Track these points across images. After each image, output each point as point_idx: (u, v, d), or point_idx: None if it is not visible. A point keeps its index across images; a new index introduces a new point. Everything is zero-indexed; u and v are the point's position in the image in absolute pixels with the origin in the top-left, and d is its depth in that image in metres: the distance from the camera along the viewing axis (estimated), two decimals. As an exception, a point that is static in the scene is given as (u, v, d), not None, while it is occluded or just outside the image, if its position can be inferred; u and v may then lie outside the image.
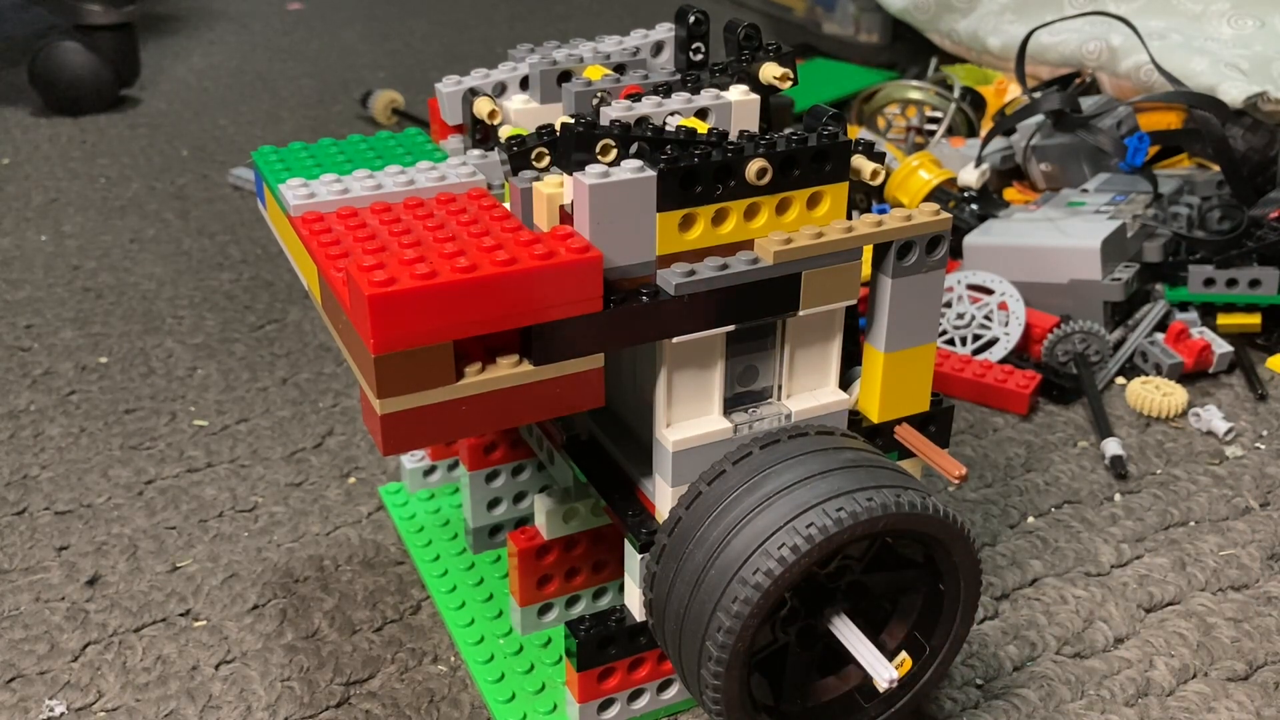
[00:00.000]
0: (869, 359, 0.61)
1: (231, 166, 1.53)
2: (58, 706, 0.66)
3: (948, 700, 0.67)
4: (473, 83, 0.66)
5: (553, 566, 0.68)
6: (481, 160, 0.63)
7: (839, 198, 0.56)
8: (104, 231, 1.32)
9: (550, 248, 0.50)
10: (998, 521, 0.82)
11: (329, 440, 0.92)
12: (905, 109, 1.46)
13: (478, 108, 0.64)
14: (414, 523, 0.79)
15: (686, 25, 0.66)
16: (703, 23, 0.65)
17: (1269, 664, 0.70)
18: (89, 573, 0.77)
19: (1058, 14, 1.52)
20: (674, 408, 0.57)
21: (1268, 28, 1.40)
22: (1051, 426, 0.94)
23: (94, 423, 0.94)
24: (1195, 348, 0.99)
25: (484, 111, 0.64)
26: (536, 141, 0.56)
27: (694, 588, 0.54)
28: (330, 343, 1.07)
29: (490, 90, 0.66)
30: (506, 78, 0.67)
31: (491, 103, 0.64)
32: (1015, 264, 1.06)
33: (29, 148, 1.60)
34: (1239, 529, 0.81)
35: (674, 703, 0.66)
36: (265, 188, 0.62)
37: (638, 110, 0.57)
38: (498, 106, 0.65)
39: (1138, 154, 1.16)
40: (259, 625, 0.72)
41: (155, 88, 1.88)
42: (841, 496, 0.54)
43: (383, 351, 0.47)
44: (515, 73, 0.67)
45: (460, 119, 0.67)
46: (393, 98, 1.70)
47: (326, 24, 2.33)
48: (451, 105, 0.67)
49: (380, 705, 0.67)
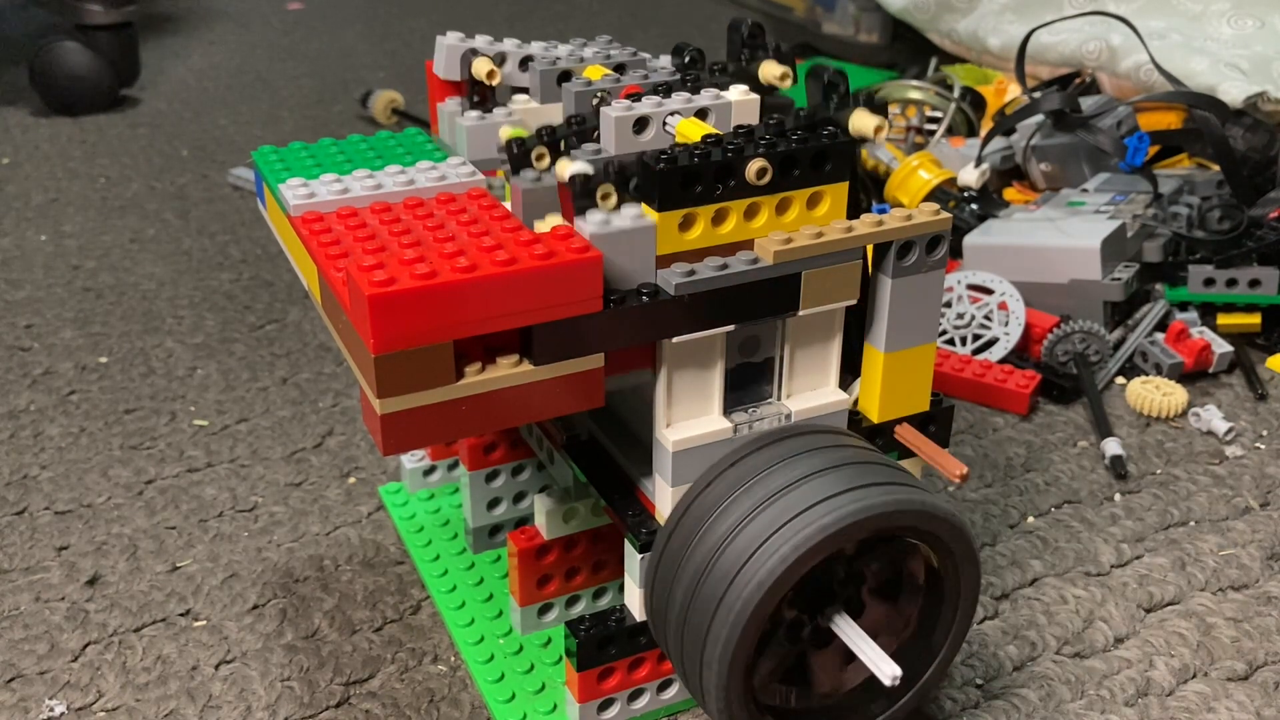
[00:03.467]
0: (869, 359, 0.61)
1: (231, 166, 1.53)
2: (58, 706, 0.66)
3: (948, 700, 0.67)
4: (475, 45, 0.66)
5: (553, 566, 0.68)
6: (479, 122, 0.62)
7: (839, 198, 0.56)
8: (104, 231, 1.32)
9: (550, 248, 0.50)
10: (998, 521, 0.82)
11: (329, 440, 0.92)
12: (905, 109, 1.45)
13: (476, 68, 0.63)
14: (414, 523, 0.79)
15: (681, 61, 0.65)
16: (698, 61, 0.65)
17: (1269, 664, 0.70)
18: (89, 573, 0.77)
19: (1058, 14, 1.52)
20: (674, 408, 0.57)
21: (1268, 28, 1.40)
22: (1051, 426, 0.94)
23: (94, 423, 0.94)
24: (1195, 348, 0.99)
25: (482, 72, 0.63)
26: (537, 142, 0.56)
27: (694, 589, 0.54)
28: (330, 343, 1.07)
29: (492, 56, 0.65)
30: (509, 51, 0.66)
31: (490, 63, 0.63)
32: (1015, 264, 1.06)
33: (29, 148, 1.60)
34: (1239, 529, 0.81)
35: (674, 703, 0.66)
36: (265, 188, 0.62)
37: (638, 110, 0.57)
38: (496, 68, 0.64)
39: (1138, 154, 1.16)
40: (259, 625, 0.72)
41: (155, 88, 1.88)
42: (841, 496, 0.54)
43: (383, 351, 0.47)
44: (520, 50, 0.66)
45: (455, 74, 0.65)
46: (393, 98, 1.70)
47: (326, 24, 2.33)
48: (450, 60, 0.65)
49: (380, 705, 0.67)
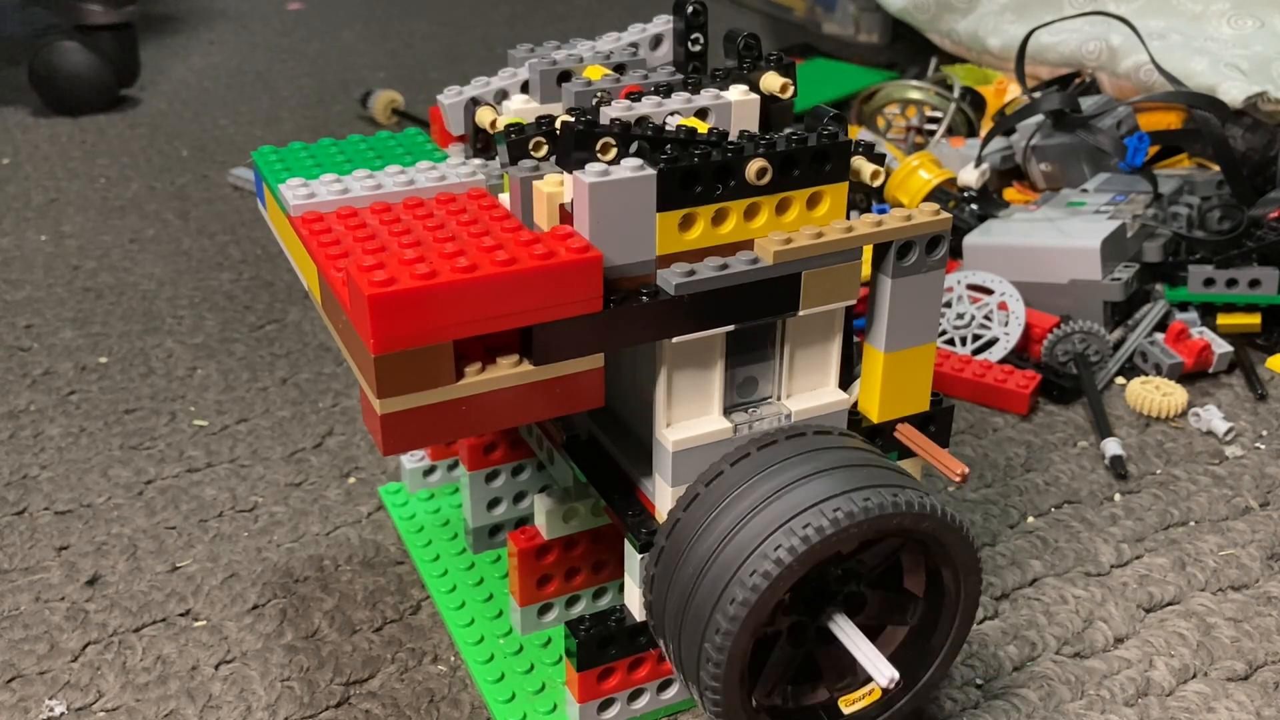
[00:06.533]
0: (869, 359, 0.61)
1: (231, 166, 1.53)
2: (58, 706, 0.66)
3: (948, 700, 0.67)
4: (474, 92, 0.66)
5: (553, 566, 0.68)
6: (482, 169, 0.63)
7: (839, 198, 0.56)
8: (104, 231, 1.32)
9: (550, 248, 0.50)
10: (998, 521, 0.82)
11: (329, 440, 0.92)
12: (905, 109, 1.46)
13: (480, 116, 0.65)
14: (414, 523, 0.79)
15: (685, 17, 0.65)
16: (701, 13, 0.65)
17: (1269, 664, 0.70)
18: (89, 573, 0.77)
19: (1058, 14, 1.52)
20: (674, 408, 0.57)
21: (1268, 28, 1.40)
22: (1051, 426, 0.94)
23: (94, 423, 0.94)
24: (1195, 348, 0.99)
25: (486, 121, 0.64)
26: (535, 131, 0.56)
27: (692, 590, 0.54)
28: (330, 343, 1.07)
29: (492, 98, 0.66)
30: (507, 84, 0.67)
31: (493, 112, 0.65)
32: (1015, 264, 1.06)
33: (29, 148, 1.60)
34: (1239, 529, 0.81)
35: (674, 703, 0.66)
36: (265, 188, 0.62)
37: (638, 110, 0.57)
38: (499, 115, 0.65)
39: (1138, 154, 1.16)
40: (259, 625, 0.72)
41: (155, 88, 1.88)
42: (838, 497, 0.53)
43: (383, 351, 0.47)
44: (515, 78, 0.67)
45: (465, 129, 0.67)
46: (393, 98, 1.70)
47: (326, 24, 2.33)
48: (455, 116, 0.67)
49: (380, 705, 0.67)
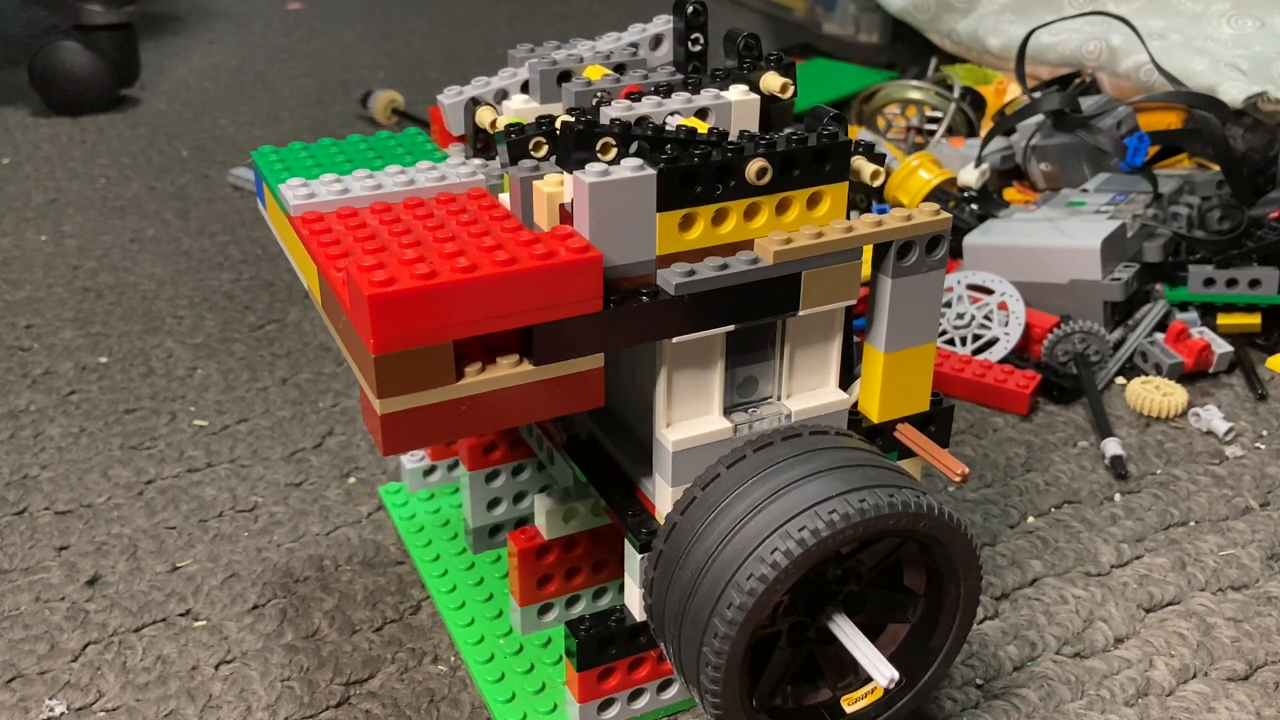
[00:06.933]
0: (869, 359, 0.61)
1: (231, 166, 1.53)
2: (58, 706, 0.66)
3: (948, 700, 0.67)
4: (474, 92, 0.66)
5: (553, 566, 0.68)
6: (482, 169, 0.63)
7: (839, 198, 0.56)
8: (104, 231, 1.32)
9: (550, 248, 0.50)
10: (998, 521, 0.82)
11: (329, 440, 0.92)
12: (905, 109, 1.46)
13: (480, 117, 0.65)
14: (414, 523, 0.79)
15: (685, 17, 0.65)
16: (701, 13, 0.65)
17: (1269, 664, 0.70)
18: (89, 573, 0.77)
19: (1058, 14, 1.52)
20: (674, 408, 0.57)
21: (1268, 28, 1.40)
22: (1051, 426, 0.94)
23: (94, 423, 0.94)
24: (1195, 348, 0.99)
25: (486, 121, 0.64)
26: (535, 131, 0.56)
27: (690, 594, 0.54)
28: (330, 343, 1.07)
29: (492, 98, 0.66)
30: (507, 84, 0.67)
31: (493, 112, 0.65)
32: (1015, 264, 1.06)
33: (29, 148, 1.60)
34: (1239, 529, 0.81)
35: (674, 703, 0.66)
36: (265, 188, 0.62)
37: (638, 110, 0.57)
38: (499, 115, 0.65)
39: (1138, 154, 1.16)
40: (259, 625, 0.72)
41: (155, 88, 1.88)
42: (836, 498, 0.53)
43: (383, 351, 0.47)
44: (515, 78, 0.67)
45: (465, 129, 0.67)
46: (393, 98, 1.70)
47: (326, 24, 2.33)
48: (455, 116, 0.67)
49: (380, 705, 0.67)
